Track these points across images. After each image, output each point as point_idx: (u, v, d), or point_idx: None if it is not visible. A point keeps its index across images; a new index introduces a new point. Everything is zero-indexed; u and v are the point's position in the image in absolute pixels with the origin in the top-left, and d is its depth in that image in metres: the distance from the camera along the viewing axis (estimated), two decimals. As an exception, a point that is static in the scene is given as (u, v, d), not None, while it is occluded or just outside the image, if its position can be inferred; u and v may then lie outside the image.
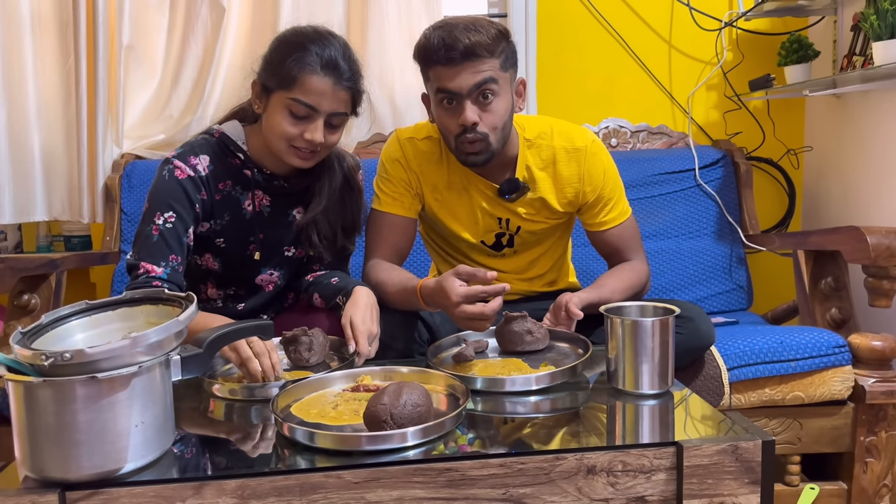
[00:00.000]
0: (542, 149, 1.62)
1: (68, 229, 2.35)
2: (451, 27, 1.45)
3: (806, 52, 2.21)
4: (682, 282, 2.19)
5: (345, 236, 1.64)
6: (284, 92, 1.43)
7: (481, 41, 1.44)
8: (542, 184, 1.62)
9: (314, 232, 1.59)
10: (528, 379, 1.20)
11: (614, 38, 2.44)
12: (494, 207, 1.63)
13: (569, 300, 1.44)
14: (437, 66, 1.47)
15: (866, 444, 1.63)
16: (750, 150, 2.46)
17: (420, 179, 1.63)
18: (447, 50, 1.44)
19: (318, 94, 1.42)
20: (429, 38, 1.47)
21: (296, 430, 1.00)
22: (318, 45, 1.44)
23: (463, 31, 1.44)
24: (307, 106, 1.42)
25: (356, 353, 1.33)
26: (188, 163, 1.49)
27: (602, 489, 0.97)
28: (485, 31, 1.45)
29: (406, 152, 1.63)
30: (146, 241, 1.45)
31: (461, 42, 1.43)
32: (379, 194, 1.65)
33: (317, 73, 1.42)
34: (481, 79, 1.45)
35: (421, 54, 1.50)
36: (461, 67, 1.44)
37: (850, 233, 1.68)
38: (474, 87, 1.45)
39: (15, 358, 0.91)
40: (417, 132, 1.65)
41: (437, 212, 1.65)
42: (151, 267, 1.42)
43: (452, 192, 1.63)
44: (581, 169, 1.62)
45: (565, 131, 1.63)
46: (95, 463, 0.90)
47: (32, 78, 2.18)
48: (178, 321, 0.96)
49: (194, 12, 2.25)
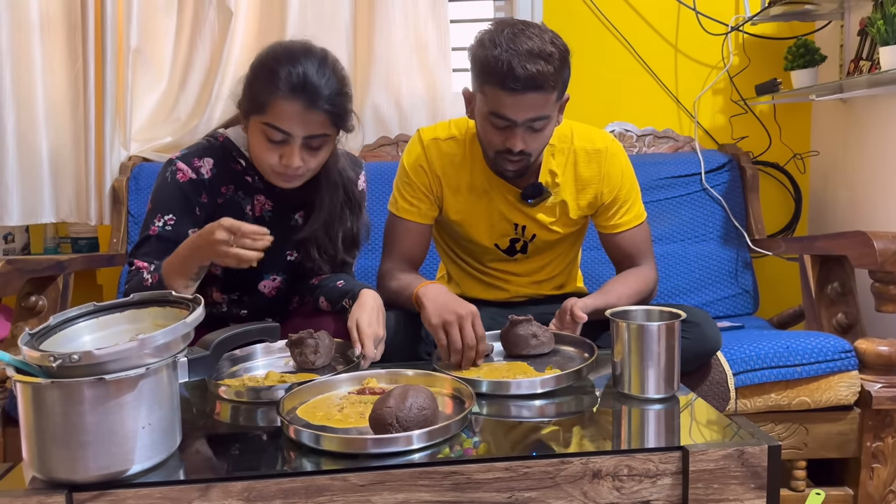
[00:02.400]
0: (563, 152, 1.62)
1: (75, 231, 2.36)
2: (516, 47, 1.37)
3: (812, 57, 2.21)
4: (688, 286, 2.19)
5: (345, 250, 1.61)
6: (258, 117, 1.40)
7: (546, 73, 1.37)
8: (564, 187, 1.62)
9: (313, 246, 1.57)
10: (533, 382, 1.20)
11: (620, 43, 2.44)
12: (513, 213, 1.63)
13: (573, 304, 1.44)
14: (496, 89, 1.40)
15: (872, 449, 1.62)
16: (756, 154, 2.45)
17: (442, 182, 1.62)
18: (512, 79, 1.37)
19: (289, 118, 1.37)
20: (494, 57, 1.38)
21: (301, 433, 1.00)
22: (288, 66, 1.37)
23: (529, 58, 1.36)
24: (280, 131, 1.38)
25: (362, 356, 1.33)
26: (192, 165, 1.49)
27: (607, 493, 0.96)
28: (551, 59, 1.38)
29: (429, 155, 1.62)
30: (144, 242, 1.47)
31: (528, 71, 1.36)
32: (397, 197, 1.64)
33: (287, 98, 1.36)
34: (537, 115, 1.42)
35: (481, 68, 1.42)
36: (522, 98, 1.39)
37: (856, 237, 1.68)
38: (529, 119, 1.43)
39: (23, 359, 0.91)
40: (440, 132, 1.64)
41: (455, 214, 1.64)
42: (144, 265, 1.43)
43: (473, 194, 1.62)
44: (601, 170, 1.62)
45: (585, 133, 1.64)
46: (102, 464, 0.90)
47: (41, 81, 2.19)
48: (185, 323, 0.97)
49: (202, 16, 2.26)
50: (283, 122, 1.38)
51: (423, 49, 2.29)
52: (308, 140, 1.41)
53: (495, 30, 1.42)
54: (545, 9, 2.39)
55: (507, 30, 1.40)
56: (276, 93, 1.37)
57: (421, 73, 2.31)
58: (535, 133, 1.46)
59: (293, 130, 1.39)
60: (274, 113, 1.38)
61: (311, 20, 2.18)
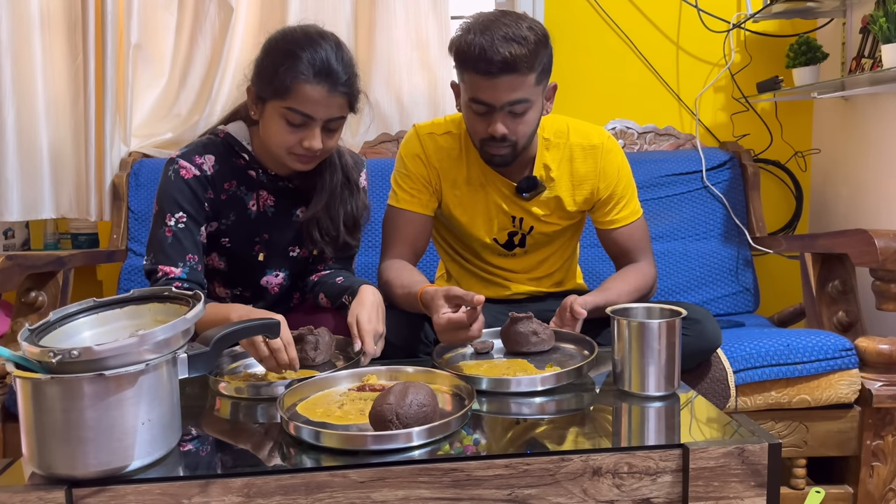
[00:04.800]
0: (559, 147, 1.62)
1: (76, 227, 2.36)
2: (492, 33, 1.39)
3: (814, 55, 2.21)
4: (689, 284, 2.19)
5: (347, 233, 1.62)
6: (279, 101, 1.41)
7: (520, 55, 1.39)
8: (559, 182, 1.62)
9: (315, 228, 1.57)
10: (533, 380, 1.20)
11: (622, 40, 2.43)
12: (510, 206, 1.63)
13: (574, 301, 1.44)
14: (473, 74, 1.43)
15: (873, 447, 1.62)
16: (757, 152, 2.45)
17: (440, 175, 1.63)
18: (486, 63, 1.39)
19: (314, 102, 1.40)
20: (468, 43, 1.41)
21: (301, 429, 1.00)
22: (310, 50, 1.40)
23: (503, 42, 1.38)
24: (303, 115, 1.40)
25: (362, 353, 1.33)
26: (193, 162, 1.49)
27: (607, 491, 0.96)
28: (525, 42, 1.39)
29: (426, 148, 1.62)
30: (161, 244, 1.45)
31: (500, 54, 1.38)
32: (396, 190, 1.64)
33: (310, 82, 1.39)
34: (515, 98, 1.43)
35: (457, 55, 1.46)
36: (497, 81, 1.41)
37: (857, 236, 1.68)
38: (507, 103, 1.44)
39: (23, 355, 0.91)
40: (437, 128, 1.65)
41: (454, 208, 1.65)
42: (169, 269, 1.43)
43: (470, 188, 1.63)
44: (597, 165, 1.62)
45: (582, 129, 1.64)
46: (102, 460, 0.90)
47: (41, 76, 2.19)
48: (185, 319, 0.96)
49: (202, 12, 2.26)
50: (308, 106, 1.40)
51: (424, 45, 2.29)
52: (328, 122, 1.44)
53: (473, 19, 1.46)
54: (546, 5, 2.39)
55: (484, 18, 1.44)
56: (299, 77, 1.39)
57: (422, 69, 2.31)
58: (517, 118, 1.47)
59: (316, 114, 1.41)
60: (297, 98, 1.40)
61: (311, 16, 2.16)
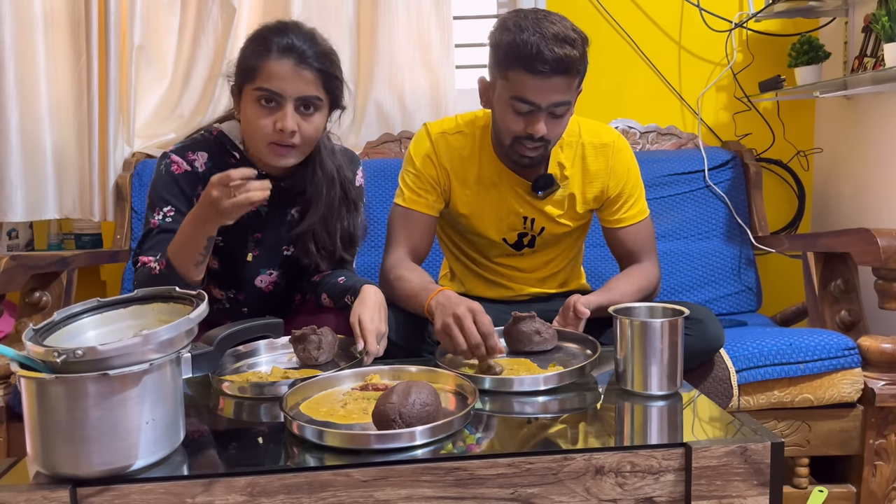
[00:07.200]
0: (572, 146, 1.63)
1: (79, 227, 2.36)
2: (543, 32, 1.38)
3: (816, 54, 2.21)
4: (691, 283, 2.19)
5: (343, 248, 1.60)
6: (250, 85, 1.43)
7: (573, 58, 1.39)
8: (573, 180, 1.63)
9: (311, 242, 1.56)
10: (536, 379, 1.20)
11: (624, 39, 2.43)
12: (522, 205, 1.63)
13: (577, 300, 1.45)
14: (521, 72, 1.41)
15: (875, 447, 1.62)
16: (759, 151, 2.45)
17: (450, 175, 1.62)
18: (539, 62, 1.38)
19: (280, 77, 1.40)
20: (524, 41, 1.39)
21: (305, 429, 1.01)
22: (278, 34, 1.42)
23: (555, 42, 1.38)
24: (271, 92, 1.41)
25: (365, 352, 1.33)
26: (186, 158, 1.50)
27: (610, 490, 0.97)
28: (576, 45, 1.40)
29: (437, 148, 1.62)
30: (147, 237, 1.47)
31: (555, 54, 1.37)
32: (403, 188, 1.64)
33: (276, 59, 1.40)
34: (561, 100, 1.44)
35: (506, 53, 1.42)
36: (548, 81, 1.40)
37: (860, 235, 1.68)
38: (552, 104, 1.44)
39: (27, 355, 0.91)
40: (448, 127, 1.64)
41: (463, 207, 1.64)
42: (149, 259, 1.43)
43: (481, 187, 1.63)
44: (608, 163, 1.63)
45: (592, 128, 1.65)
46: (106, 459, 0.91)
47: (44, 77, 2.19)
48: (188, 319, 0.97)
49: (205, 12, 2.26)
50: (275, 82, 1.41)
51: (427, 45, 2.29)
52: (300, 101, 1.43)
53: (518, 15, 1.44)
54: (548, 5, 2.38)
55: (531, 15, 1.43)
56: (266, 56, 1.41)
57: (424, 69, 2.31)
58: (556, 119, 1.47)
59: (285, 90, 1.41)
60: (265, 75, 1.41)
61: (314, 16, 2.18)
